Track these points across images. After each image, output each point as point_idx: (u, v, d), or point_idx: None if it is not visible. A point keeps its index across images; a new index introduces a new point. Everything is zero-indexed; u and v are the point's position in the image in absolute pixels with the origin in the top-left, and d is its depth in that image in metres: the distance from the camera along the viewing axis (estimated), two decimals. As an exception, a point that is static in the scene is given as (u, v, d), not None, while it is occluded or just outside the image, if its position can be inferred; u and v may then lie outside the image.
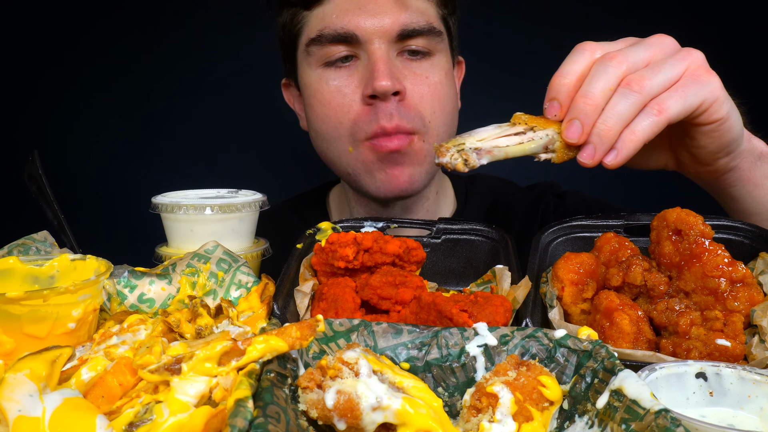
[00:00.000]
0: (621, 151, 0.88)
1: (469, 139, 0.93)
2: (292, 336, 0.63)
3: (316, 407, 0.60)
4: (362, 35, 1.37)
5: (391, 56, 1.39)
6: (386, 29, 1.36)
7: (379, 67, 1.34)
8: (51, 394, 0.58)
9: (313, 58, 1.44)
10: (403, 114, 1.38)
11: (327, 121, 1.44)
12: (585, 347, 0.71)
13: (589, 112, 0.89)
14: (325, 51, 1.41)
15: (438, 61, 1.45)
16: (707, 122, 0.94)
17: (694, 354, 0.79)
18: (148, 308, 0.95)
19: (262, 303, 0.89)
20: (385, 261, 0.99)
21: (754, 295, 0.84)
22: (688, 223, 0.89)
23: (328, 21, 1.39)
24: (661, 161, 1.11)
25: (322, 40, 1.40)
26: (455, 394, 0.73)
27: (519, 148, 0.93)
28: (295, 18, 1.48)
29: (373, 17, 1.36)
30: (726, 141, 0.98)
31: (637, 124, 0.89)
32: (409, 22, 1.37)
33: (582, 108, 0.89)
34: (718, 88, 0.92)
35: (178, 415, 0.58)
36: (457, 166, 0.92)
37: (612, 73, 0.89)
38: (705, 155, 1.02)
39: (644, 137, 0.89)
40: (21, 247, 0.99)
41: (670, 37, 0.96)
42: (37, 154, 1.20)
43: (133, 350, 0.70)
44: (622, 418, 0.59)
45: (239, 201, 1.11)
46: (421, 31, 1.39)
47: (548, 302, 0.91)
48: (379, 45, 1.37)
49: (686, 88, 0.90)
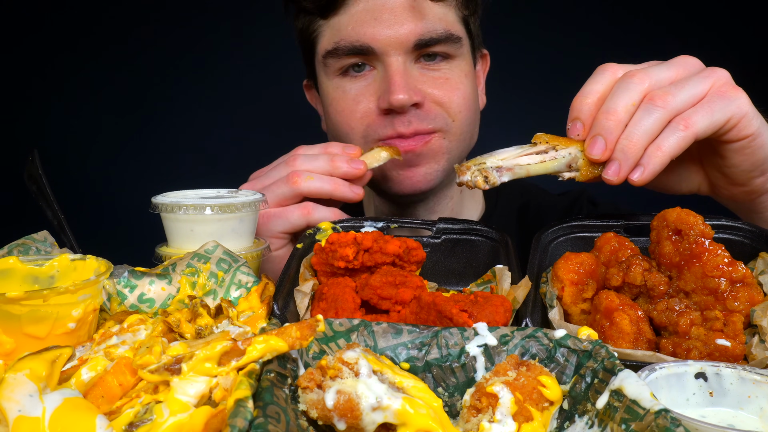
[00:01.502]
0: (647, 167, 0.87)
1: (489, 158, 0.95)
2: (292, 336, 0.63)
3: (316, 407, 0.60)
4: (378, 47, 1.35)
5: (408, 66, 1.37)
6: (402, 40, 1.34)
7: (395, 80, 1.33)
8: (51, 394, 0.58)
9: (330, 69, 1.44)
10: (423, 117, 1.38)
11: (340, 128, 1.45)
12: (585, 347, 0.71)
13: (612, 128, 0.88)
14: (341, 62, 1.41)
15: (457, 64, 1.43)
16: (737, 138, 0.92)
17: (694, 354, 0.79)
18: (148, 308, 0.95)
19: (262, 303, 0.89)
20: (385, 261, 0.99)
21: (754, 295, 0.84)
22: (688, 223, 0.89)
23: (344, 33, 1.37)
24: (694, 184, 1.07)
25: (338, 53, 1.39)
26: (455, 394, 0.73)
27: (541, 167, 0.94)
28: (311, 25, 1.47)
29: (389, 28, 1.33)
30: (759, 158, 0.95)
31: (662, 140, 0.87)
32: (426, 31, 1.35)
33: (604, 124, 0.88)
34: (746, 104, 0.91)
35: (178, 415, 0.58)
36: (477, 183, 0.93)
37: (635, 90, 0.89)
38: (738, 174, 0.98)
39: (671, 153, 0.87)
40: (21, 247, 0.99)
41: (694, 57, 0.96)
42: (37, 154, 1.21)
43: (133, 350, 0.70)
44: (622, 418, 0.59)
45: (239, 201, 1.11)
46: (439, 39, 1.37)
47: (548, 302, 0.91)
48: (395, 57, 1.35)
49: (712, 103, 0.89)
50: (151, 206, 1.13)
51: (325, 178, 1.26)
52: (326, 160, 1.28)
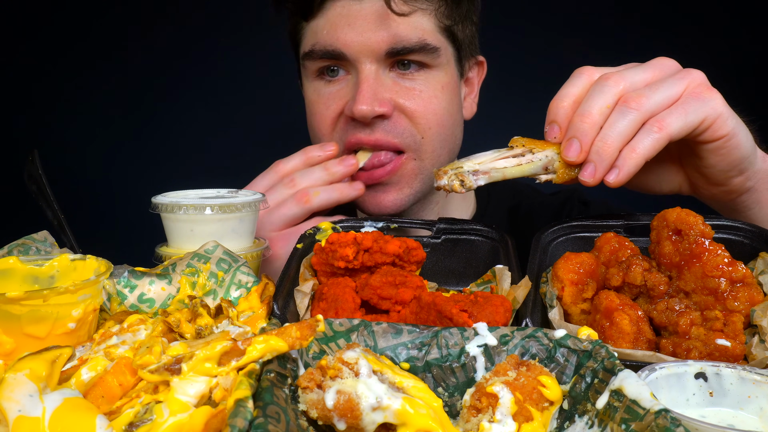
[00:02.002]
0: (622, 169, 0.88)
1: (467, 162, 0.96)
2: (292, 336, 0.63)
3: (316, 407, 0.60)
4: (350, 54, 1.35)
5: (380, 74, 1.36)
6: (374, 48, 1.33)
7: (362, 89, 1.32)
8: (51, 394, 0.58)
9: (308, 71, 1.46)
10: (389, 130, 1.37)
11: (314, 131, 1.48)
12: (585, 347, 0.71)
13: (587, 130, 0.89)
14: (316, 65, 1.42)
15: (435, 75, 1.40)
16: (712, 139, 0.93)
17: (694, 354, 0.79)
18: (148, 308, 0.95)
19: (262, 303, 0.89)
20: (385, 261, 0.99)
21: (754, 295, 0.84)
22: (688, 223, 0.89)
23: (320, 36, 1.38)
24: (674, 185, 1.08)
25: (313, 55, 1.40)
26: (455, 394, 0.73)
27: (517, 170, 0.95)
28: (296, 26, 1.50)
29: (361, 35, 1.33)
30: (735, 158, 0.96)
31: (637, 142, 0.88)
32: (398, 40, 1.33)
33: (579, 126, 0.90)
34: (721, 105, 0.91)
35: (178, 415, 0.58)
36: (454, 187, 0.94)
37: (609, 92, 0.90)
38: (716, 174, 0.99)
39: (645, 154, 0.88)
40: (21, 247, 0.99)
41: (671, 59, 0.96)
42: (36, 154, 1.21)
43: (133, 350, 0.70)
44: (622, 418, 0.59)
45: (239, 201, 1.11)
46: (412, 48, 1.35)
47: (548, 302, 0.91)
48: (367, 65, 1.34)
49: (687, 105, 0.90)
50: (151, 206, 1.13)
51: (329, 188, 1.29)
52: (322, 170, 1.31)
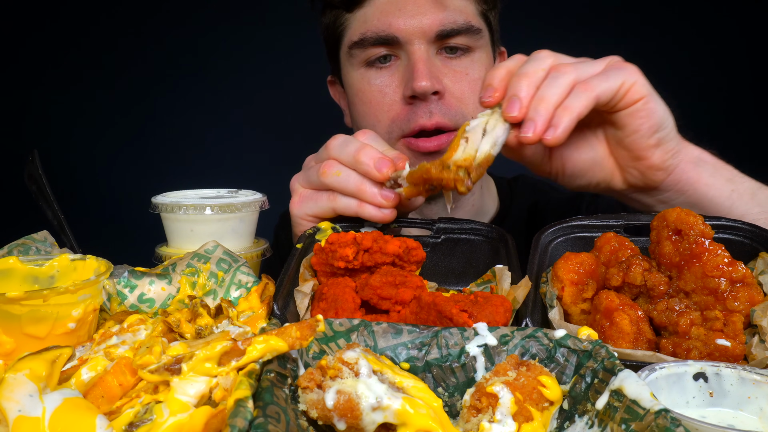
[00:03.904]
0: (558, 126, 0.96)
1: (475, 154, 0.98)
2: (292, 336, 0.63)
3: (316, 407, 0.60)
4: (402, 37, 1.41)
5: (430, 55, 1.43)
6: (425, 30, 1.41)
7: (419, 67, 1.38)
8: (51, 394, 0.58)
9: (356, 60, 1.49)
10: (444, 111, 1.42)
11: (367, 119, 1.49)
12: (585, 347, 0.71)
13: (526, 88, 0.98)
14: (367, 53, 1.46)
15: (478, 57, 1.48)
16: (631, 102, 1.01)
17: (694, 354, 0.79)
18: (148, 308, 0.95)
19: (262, 303, 0.89)
20: (385, 261, 0.99)
21: (754, 295, 0.84)
22: (688, 223, 0.89)
23: (369, 24, 1.44)
24: (606, 171, 1.12)
25: (364, 43, 1.45)
26: (455, 394, 0.73)
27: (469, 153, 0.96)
28: (337, 20, 1.53)
29: (412, 18, 1.41)
30: (655, 122, 1.03)
31: (569, 101, 0.97)
32: (448, 22, 1.41)
33: (519, 85, 0.98)
34: (636, 72, 1.02)
35: (178, 415, 0.58)
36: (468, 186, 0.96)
37: (543, 60, 1.01)
38: (638, 142, 1.05)
39: (578, 112, 0.97)
40: (21, 247, 0.99)
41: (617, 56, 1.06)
42: (36, 154, 1.21)
43: (133, 350, 0.70)
44: (622, 418, 0.59)
45: (239, 201, 1.11)
46: (459, 30, 1.43)
47: (548, 302, 0.91)
48: (418, 45, 1.41)
49: (608, 72, 1.01)
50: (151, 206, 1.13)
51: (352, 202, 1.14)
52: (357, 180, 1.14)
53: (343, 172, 1.14)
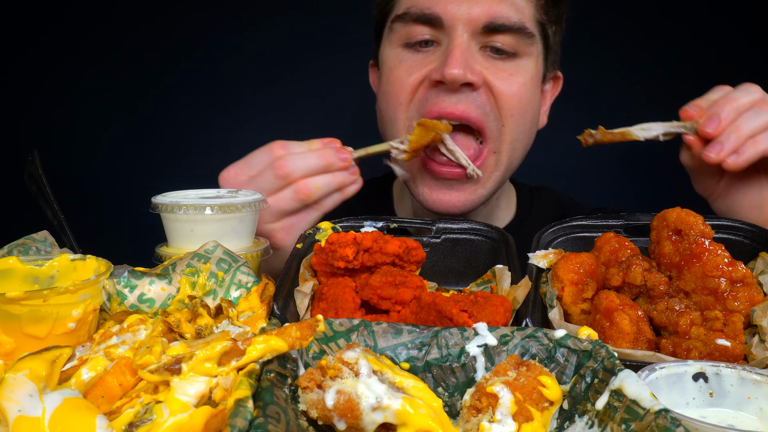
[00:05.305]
0: (742, 155, 1.06)
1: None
2: (292, 336, 0.63)
3: (316, 407, 0.60)
4: (447, 19, 1.31)
5: (471, 47, 1.32)
6: (473, 17, 1.30)
7: (455, 54, 1.28)
8: (51, 394, 0.58)
9: (395, 36, 1.40)
10: (478, 104, 1.33)
11: (390, 100, 1.41)
12: (585, 347, 0.71)
13: (729, 112, 1.08)
14: (407, 30, 1.37)
15: (525, 64, 1.37)
16: None
17: (694, 354, 0.79)
18: (148, 308, 0.95)
19: (262, 303, 0.89)
20: (385, 261, 0.99)
21: (754, 295, 0.84)
22: (688, 223, 0.89)
23: (418, 0, 1.35)
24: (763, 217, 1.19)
25: (406, 17, 1.36)
26: (455, 394, 0.73)
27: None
28: None
29: (462, 2, 1.31)
30: None
31: (761, 137, 1.07)
32: (500, 15, 1.31)
33: (724, 107, 1.09)
34: None
35: (178, 415, 0.58)
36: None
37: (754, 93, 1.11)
38: None
39: (765, 148, 1.07)
40: (21, 247, 0.99)
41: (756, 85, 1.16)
42: (36, 154, 1.20)
43: (133, 350, 0.70)
44: (622, 418, 0.59)
45: (239, 201, 1.11)
46: (510, 27, 1.32)
47: (548, 302, 0.91)
48: (462, 33, 1.31)
49: None
50: (151, 206, 1.13)
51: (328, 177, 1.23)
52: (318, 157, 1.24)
53: (321, 181, 1.22)
